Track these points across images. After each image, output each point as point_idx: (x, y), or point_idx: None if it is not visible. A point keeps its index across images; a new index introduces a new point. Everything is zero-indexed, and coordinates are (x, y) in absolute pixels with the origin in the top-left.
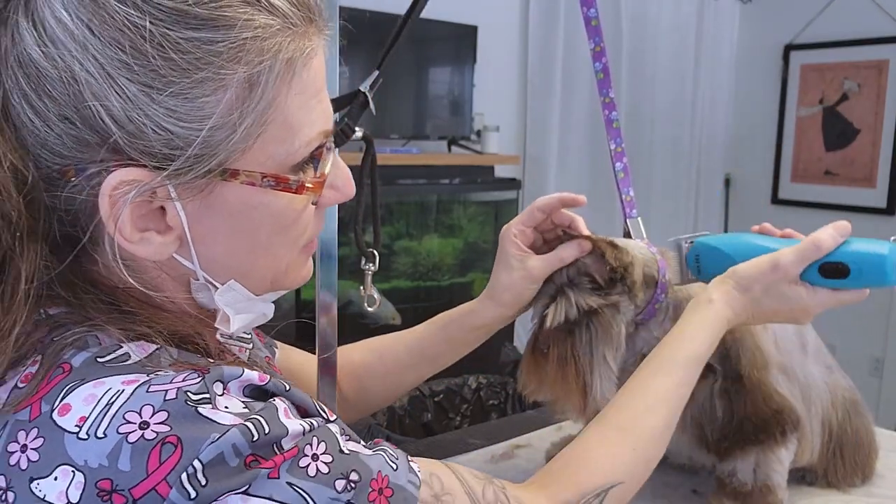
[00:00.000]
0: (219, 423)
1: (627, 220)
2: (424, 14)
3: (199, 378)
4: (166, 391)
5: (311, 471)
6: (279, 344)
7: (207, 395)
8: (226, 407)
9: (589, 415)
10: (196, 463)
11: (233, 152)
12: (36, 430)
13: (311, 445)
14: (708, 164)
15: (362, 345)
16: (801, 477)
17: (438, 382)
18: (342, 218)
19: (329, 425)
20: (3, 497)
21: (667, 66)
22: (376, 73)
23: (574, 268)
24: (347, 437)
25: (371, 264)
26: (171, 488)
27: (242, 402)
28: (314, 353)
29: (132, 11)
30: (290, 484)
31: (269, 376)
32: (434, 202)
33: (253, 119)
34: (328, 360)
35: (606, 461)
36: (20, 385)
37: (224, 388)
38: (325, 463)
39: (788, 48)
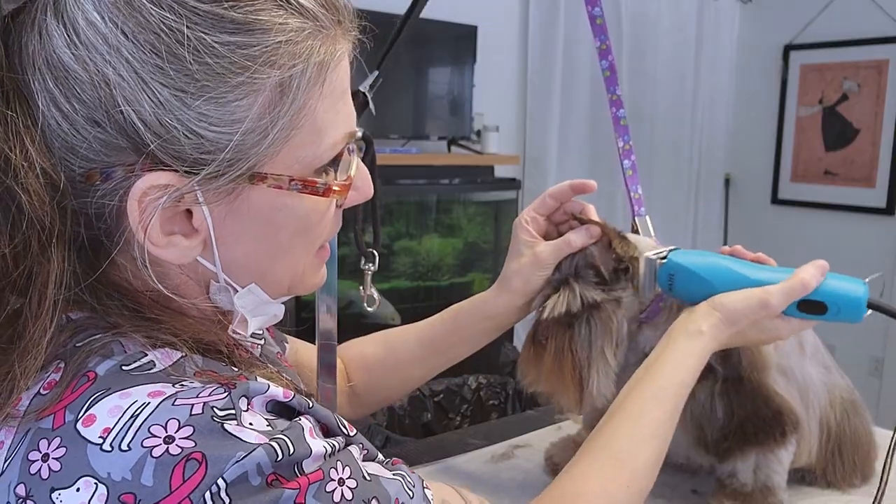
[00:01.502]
0: (244, 441)
1: (636, 218)
2: (424, 14)
3: (226, 393)
4: (192, 405)
5: (337, 496)
6: (289, 338)
7: (233, 412)
8: (250, 424)
9: (585, 410)
10: (220, 481)
11: (263, 157)
12: (59, 439)
13: (335, 469)
14: (708, 164)
15: (373, 338)
16: (800, 477)
17: (438, 382)
18: (342, 218)
19: (350, 448)
20: None
21: (667, 66)
22: (376, 72)
23: (581, 257)
24: (366, 452)
25: (371, 264)
26: None
27: (266, 419)
28: None
29: (168, 15)
30: None
31: (293, 392)
32: (434, 202)
33: (284, 124)
34: (328, 360)
35: (602, 498)
36: (43, 392)
37: (249, 404)
38: (350, 489)
39: (788, 48)
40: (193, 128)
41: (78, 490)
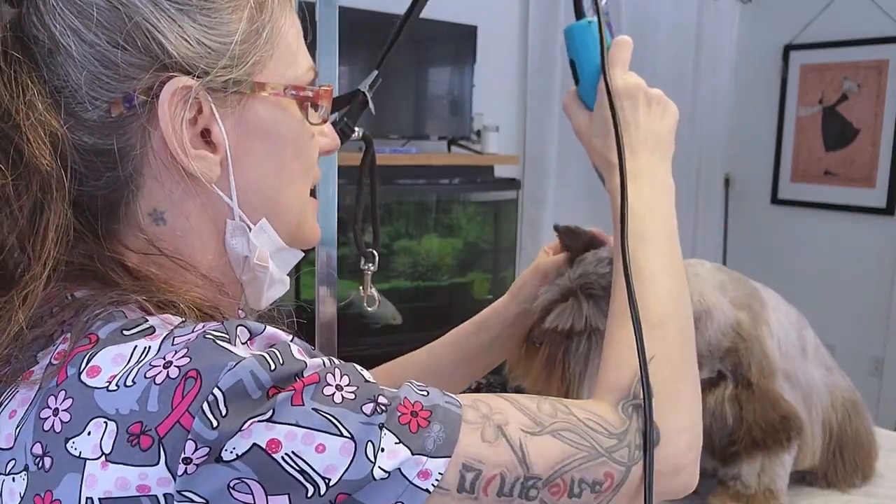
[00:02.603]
0: (235, 354)
1: None
2: (424, 14)
3: (221, 324)
4: (189, 336)
5: (337, 398)
6: None
7: (227, 335)
8: (247, 347)
9: None
10: (216, 391)
11: (256, 65)
12: (63, 392)
13: (333, 375)
14: (708, 164)
15: (376, 372)
16: (801, 477)
17: None
18: (342, 218)
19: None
20: (41, 464)
21: (667, 66)
22: (376, 72)
23: (594, 274)
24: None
25: (371, 264)
26: (194, 418)
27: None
28: None
29: None
30: (315, 410)
31: (292, 334)
32: (434, 202)
33: (266, 36)
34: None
35: (629, 349)
36: (54, 362)
37: (249, 340)
38: (351, 391)
39: (788, 48)
40: (199, 38)
41: (89, 434)
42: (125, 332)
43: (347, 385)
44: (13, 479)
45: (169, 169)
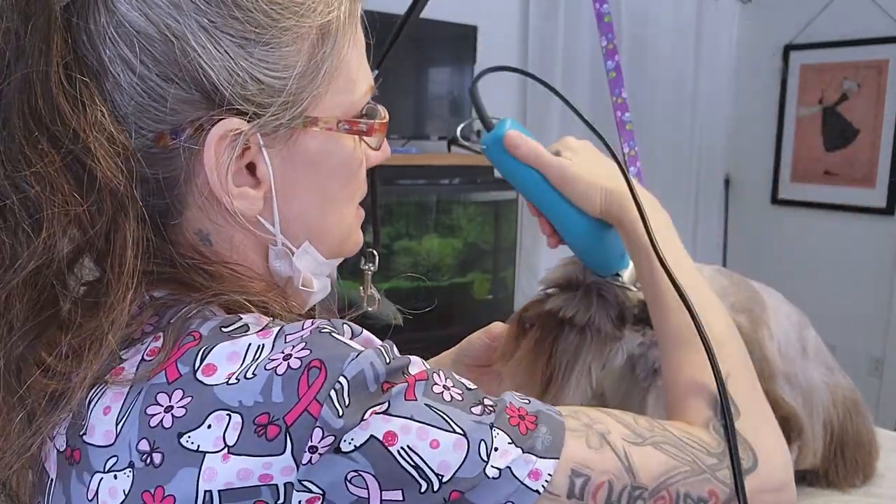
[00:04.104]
0: (353, 346)
1: None
2: (424, 14)
3: (326, 321)
4: (300, 332)
5: (447, 396)
6: None
7: (338, 331)
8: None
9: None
10: (342, 379)
11: (313, 100)
12: (181, 391)
13: (438, 375)
14: (708, 164)
15: None
16: (801, 477)
17: None
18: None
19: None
20: (149, 460)
21: (667, 66)
22: (376, 72)
23: (610, 292)
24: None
25: (371, 264)
26: (322, 405)
27: None
28: None
29: None
30: (428, 406)
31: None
32: (434, 202)
33: (327, 68)
34: None
35: (703, 371)
36: (147, 358)
37: (352, 335)
38: (458, 392)
39: (788, 48)
40: (256, 74)
41: (210, 427)
42: (224, 329)
43: (453, 386)
44: (115, 477)
45: (211, 202)
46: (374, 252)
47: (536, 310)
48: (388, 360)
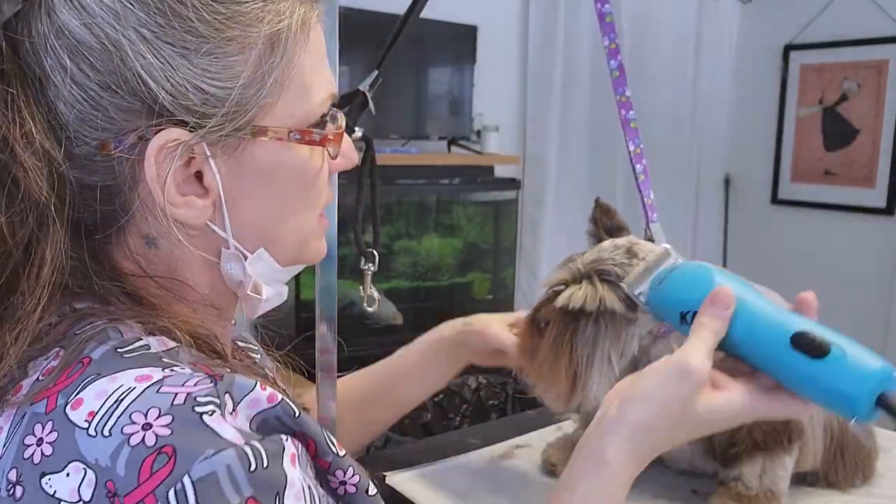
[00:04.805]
0: (219, 437)
1: (650, 225)
2: (424, 14)
3: (212, 384)
4: (176, 394)
5: None
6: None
7: (217, 402)
8: (232, 419)
9: (572, 408)
10: (186, 479)
11: (261, 109)
12: (51, 423)
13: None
14: (708, 164)
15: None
16: (801, 478)
17: None
18: (342, 218)
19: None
20: (13, 491)
21: (667, 66)
22: (376, 72)
23: (610, 260)
24: (356, 479)
25: (371, 264)
26: (158, 502)
27: (248, 427)
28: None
29: None
30: None
31: (280, 396)
32: (434, 202)
33: (276, 76)
34: (328, 361)
35: None
36: (41, 378)
37: (234, 409)
38: None
39: (788, 48)
40: (198, 83)
41: (68, 475)
42: (118, 350)
43: None
44: None
45: (156, 210)
46: (374, 252)
47: (548, 308)
48: (252, 467)
